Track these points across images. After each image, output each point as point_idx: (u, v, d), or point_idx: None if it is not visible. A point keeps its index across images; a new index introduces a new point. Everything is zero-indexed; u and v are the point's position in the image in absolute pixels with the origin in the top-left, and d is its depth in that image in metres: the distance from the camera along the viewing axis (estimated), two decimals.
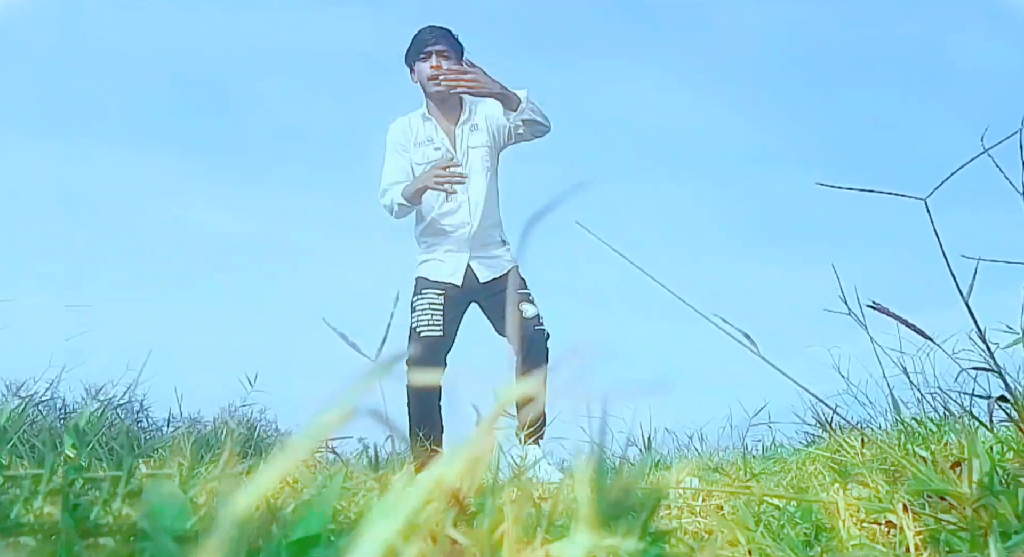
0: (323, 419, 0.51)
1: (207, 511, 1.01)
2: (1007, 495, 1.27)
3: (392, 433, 0.73)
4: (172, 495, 1.02)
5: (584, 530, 0.72)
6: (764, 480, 2.76)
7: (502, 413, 0.69)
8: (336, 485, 1.03)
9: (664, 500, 1.89)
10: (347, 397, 0.52)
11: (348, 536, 0.95)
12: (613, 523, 0.82)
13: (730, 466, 3.30)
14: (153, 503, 0.99)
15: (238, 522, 0.47)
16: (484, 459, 0.67)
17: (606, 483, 0.82)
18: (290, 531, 0.93)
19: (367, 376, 0.54)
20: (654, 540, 0.91)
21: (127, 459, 1.25)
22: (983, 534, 1.20)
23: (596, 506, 0.78)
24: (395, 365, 0.57)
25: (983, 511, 1.25)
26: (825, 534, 1.60)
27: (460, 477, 0.72)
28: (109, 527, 0.97)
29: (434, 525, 0.77)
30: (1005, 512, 1.25)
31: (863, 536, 1.52)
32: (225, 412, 5.78)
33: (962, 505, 1.29)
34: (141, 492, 1.19)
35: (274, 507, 1.03)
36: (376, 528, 0.50)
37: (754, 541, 1.55)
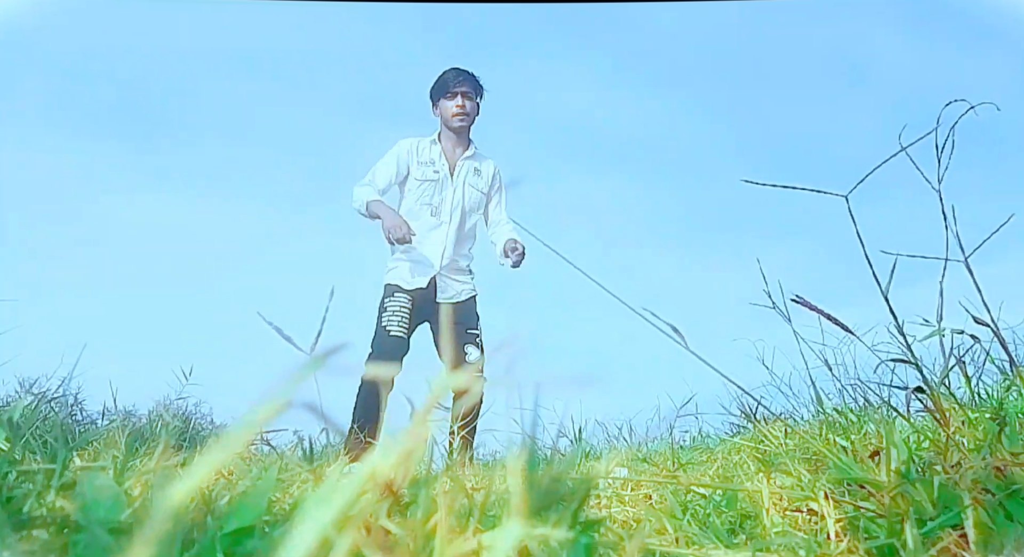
0: (258, 412, 0.51)
1: (141, 503, 1.00)
2: (923, 483, 1.29)
3: (327, 426, 0.73)
4: (106, 488, 1.00)
5: (515, 520, 0.72)
6: (691, 470, 2.78)
7: (435, 405, 0.69)
8: (271, 477, 1.03)
9: (594, 490, 1.90)
10: (282, 390, 0.52)
11: (282, 527, 0.94)
12: (544, 513, 0.82)
13: (658, 456, 3.33)
14: (87, 496, 0.98)
15: (172, 514, 0.46)
16: (417, 450, 0.67)
17: (537, 474, 0.82)
18: (225, 523, 0.92)
19: (302, 369, 0.54)
20: (584, 529, 0.91)
21: (61, 452, 1.23)
22: (900, 521, 1.23)
23: (527, 496, 0.78)
24: (329, 358, 0.57)
25: (900, 499, 1.27)
26: (749, 522, 1.62)
27: (394, 468, 0.72)
28: (43, 520, 0.96)
29: (368, 516, 0.77)
30: (921, 499, 1.27)
31: (786, 523, 1.55)
32: (160, 405, 5.70)
33: (880, 493, 1.31)
34: (75, 485, 1.17)
35: (209, 499, 1.02)
36: (310, 519, 0.50)
37: (681, 529, 1.57)
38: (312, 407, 0.66)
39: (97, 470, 1.36)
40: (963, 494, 1.23)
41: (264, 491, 0.96)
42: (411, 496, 0.81)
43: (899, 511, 1.25)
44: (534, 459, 0.86)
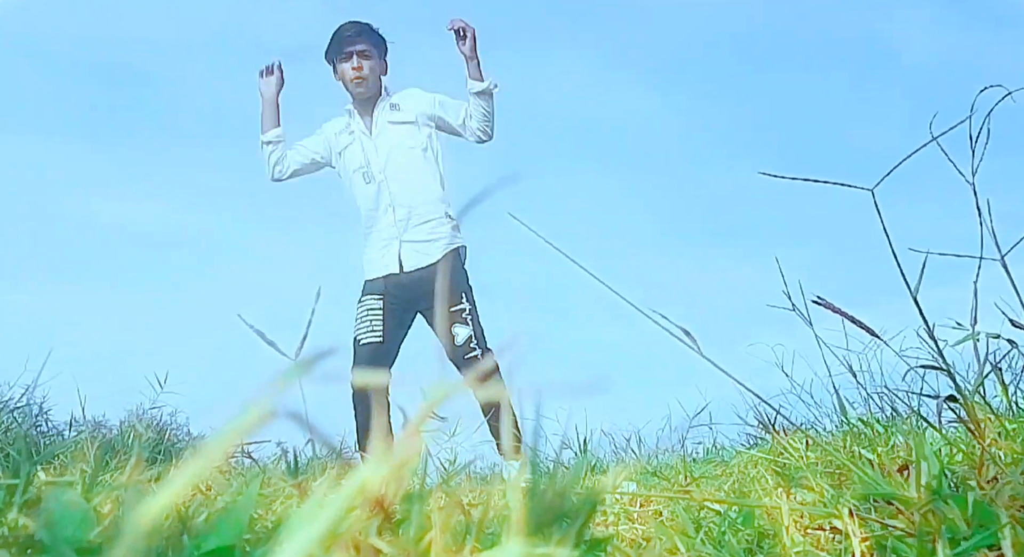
0: (239, 422, 0.51)
1: (112, 521, 1.00)
2: (956, 500, 1.29)
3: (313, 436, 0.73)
4: (74, 504, 1.00)
5: (516, 538, 0.72)
6: (705, 484, 2.79)
7: (429, 415, 0.69)
8: (252, 492, 1.02)
9: (600, 506, 1.89)
10: (264, 398, 0.52)
11: (265, 547, 0.94)
12: (546, 530, 0.82)
13: (669, 470, 3.33)
14: (53, 513, 0.98)
15: (145, 532, 0.46)
16: (410, 464, 0.67)
17: (539, 488, 0.82)
18: (203, 541, 0.92)
19: (286, 376, 0.54)
20: (590, 548, 0.91)
21: (24, 466, 1.23)
22: (931, 540, 1.23)
23: (529, 513, 0.78)
24: (315, 364, 0.57)
25: (931, 516, 1.27)
26: (768, 541, 1.62)
27: (385, 483, 0.72)
28: (4, 539, 0.95)
29: (357, 534, 0.77)
30: (954, 517, 1.27)
31: (807, 543, 1.55)
32: (132, 415, 5.71)
33: (910, 510, 1.31)
34: (40, 501, 1.17)
35: (185, 516, 1.02)
36: (295, 538, 0.50)
37: (694, 548, 1.57)
38: (297, 417, 0.66)
39: (64, 485, 1.35)
40: (1000, 511, 1.23)
41: (245, 507, 0.96)
42: (403, 512, 0.80)
43: (930, 530, 1.24)
44: (536, 472, 0.86)
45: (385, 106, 5.13)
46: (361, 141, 5.07)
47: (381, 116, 5.11)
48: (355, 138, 5.10)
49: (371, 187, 5.02)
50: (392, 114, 5.10)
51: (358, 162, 5.05)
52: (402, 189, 4.99)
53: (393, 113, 5.11)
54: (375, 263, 5.02)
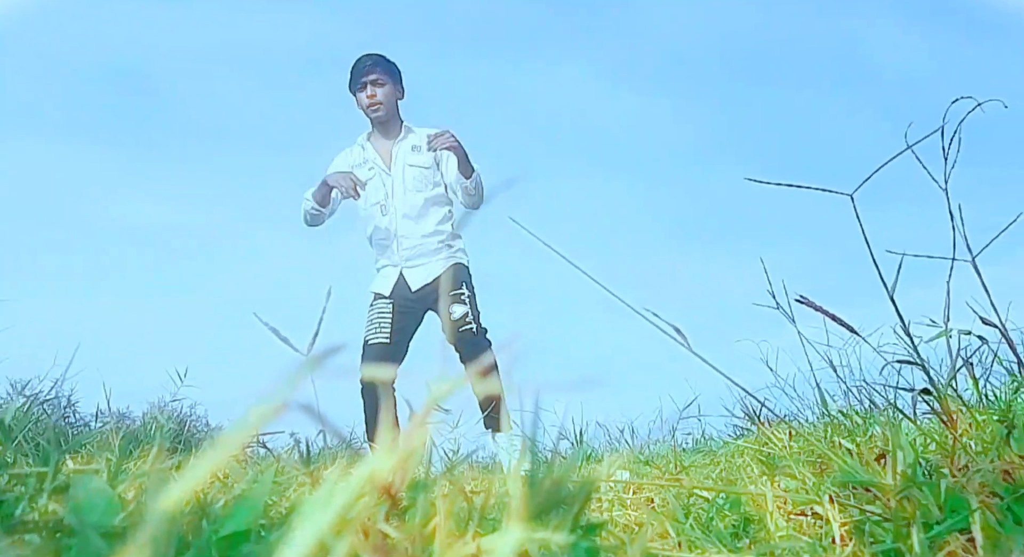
0: (254, 414, 0.51)
1: (135, 507, 1.00)
2: (930, 486, 1.29)
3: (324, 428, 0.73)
4: (99, 491, 1.00)
5: (516, 524, 0.72)
6: (694, 473, 2.79)
7: (434, 407, 0.69)
8: (267, 480, 1.02)
9: (595, 493, 1.89)
10: (278, 392, 0.52)
11: (279, 531, 0.94)
12: (545, 516, 0.82)
13: (660, 459, 3.34)
14: (80, 499, 0.98)
15: (167, 518, 0.46)
16: (416, 453, 0.67)
17: (538, 477, 0.82)
18: (220, 526, 0.92)
19: (299, 371, 0.54)
20: (585, 533, 0.91)
21: (54, 455, 1.23)
22: (906, 525, 1.23)
23: (528, 500, 0.78)
24: (327, 360, 0.57)
25: (906, 502, 1.27)
26: (753, 525, 1.62)
27: (392, 471, 0.72)
28: (35, 524, 0.95)
29: (366, 520, 0.77)
30: (928, 503, 1.27)
31: (790, 527, 1.55)
32: (155, 407, 5.71)
33: (886, 496, 1.31)
34: (68, 488, 1.17)
35: (204, 503, 1.02)
36: (307, 523, 0.50)
37: (684, 533, 1.57)
38: (309, 409, 0.66)
39: (90, 473, 1.35)
40: (970, 497, 1.23)
41: (260, 494, 0.96)
42: (409, 499, 0.81)
43: (905, 515, 1.24)
44: (534, 462, 0.86)
45: (407, 145, 5.22)
46: (381, 177, 5.16)
47: (400, 155, 5.20)
48: (375, 173, 5.18)
49: (386, 219, 5.13)
50: (413, 156, 5.20)
51: (379, 196, 5.15)
52: (411, 226, 5.12)
53: (414, 155, 5.20)
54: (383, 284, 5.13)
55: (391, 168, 5.17)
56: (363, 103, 5.19)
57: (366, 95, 5.16)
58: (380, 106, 5.16)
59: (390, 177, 5.15)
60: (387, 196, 5.12)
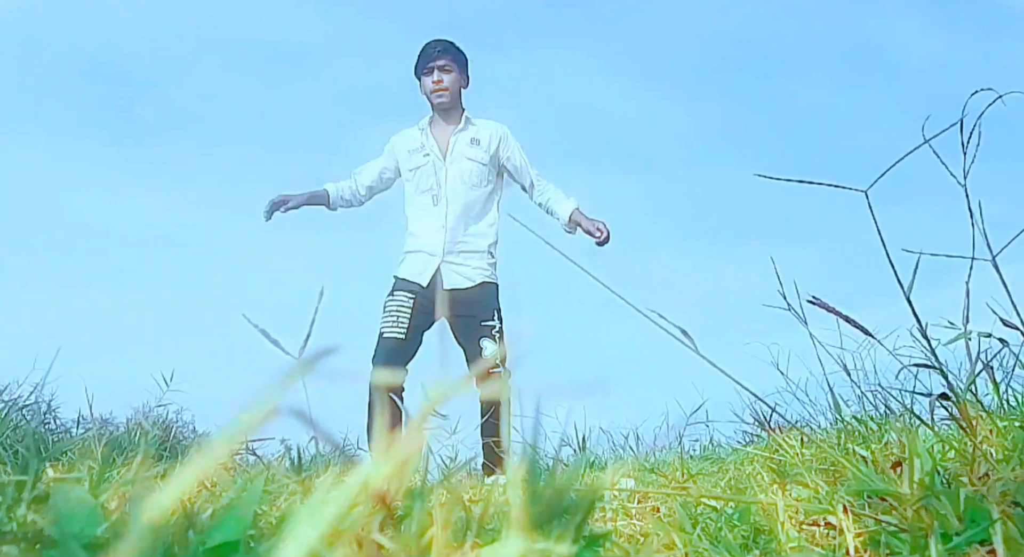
0: (243, 419, 0.51)
1: (119, 517, 1.00)
2: (948, 496, 1.29)
3: (316, 434, 0.73)
4: (81, 500, 1.00)
5: (516, 534, 0.72)
6: (701, 481, 2.78)
7: (431, 413, 0.69)
8: (257, 488, 1.02)
9: (598, 502, 1.89)
10: (268, 396, 0.52)
11: (269, 542, 0.94)
12: (546, 526, 0.82)
13: (667, 466, 3.33)
14: (61, 509, 0.98)
15: (152, 528, 0.46)
16: (412, 461, 0.67)
17: (539, 485, 0.82)
18: (207, 537, 0.92)
19: (289, 375, 0.54)
20: (588, 543, 0.91)
21: (33, 462, 1.23)
22: (924, 536, 1.23)
23: (528, 509, 0.78)
24: (318, 363, 0.57)
25: (924, 512, 1.27)
26: (764, 536, 1.62)
27: (387, 479, 0.72)
28: (14, 534, 0.95)
29: (360, 529, 0.77)
30: (946, 513, 1.27)
31: (802, 538, 1.54)
32: (139, 412, 5.71)
33: (903, 506, 1.31)
34: (48, 498, 1.17)
35: (191, 512, 1.02)
36: (299, 533, 0.50)
37: (691, 544, 1.56)
38: (300, 414, 0.66)
39: (72, 482, 1.35)
40: (991, 507, 1.23)
41: (250, 504, 0.96)
42: (405, 509, 0.80)
43: (923, 525, 1.24)
44: (535, 469, 0.86)
45: (466, 137, 5.31)
46: (435, 164, 5.25)
47: (459, 145, 5.29)
48: (429, 160, 5.26)
49: (437, 208, 5.19)
50: (471, 149, 5.28)
51: (430, 183, 5.23)
52: (461, 218, 5.18)
53: (472, 149, 5.29)
54: (414, 269, 5.16)
55: (447, 157, 5.24)
56: (427, 88, 5.29)
57: (432, 80, 5.26)
58: (445, 92, 5.26)
59: (444, 166, 5.22)
60: (439, 184, 5.19)
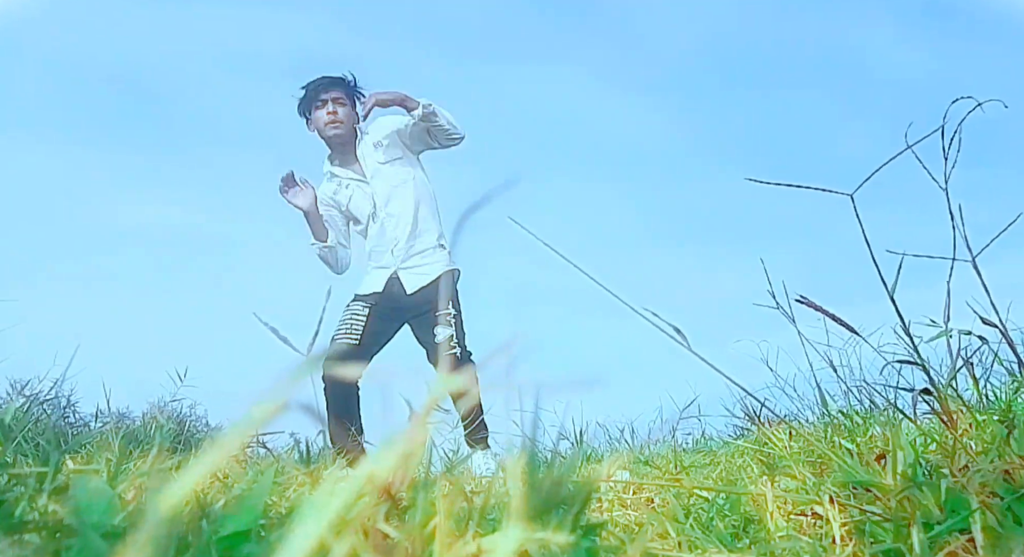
0: (254, 413, 0.51)
1: (135, 507, 1.00)
2: (930, 487, 1.29)
3: (324, 428, 0.73)
4: (99, 491, 1.00)
5: (516, 524, 0.72)
6: (694, 473, 2.79)
7: (434, 407, 0.69)
8: (267, 480, 1.02)
9: (595, 493, 1.89)
10: (278, 392, 0.52)
11: (279, 531, 0.94)
12: (545, 517, 0.82)
13: (660, 459, 3.34)
14: (80, 499, 0.98)
15: (167, 518, 0.46)
16: (416, 454, 0.67)
17: (538, 477, 0.82)
18: (220, 527, 0.92)
19: (298, 370, 0.54)
20: (585, 533, 0.91)
21: (53, 455, 1.23)
22: (907, 525, 1.23)
23: (528, 500, 0.78)
24: (326, 359, 0.57)
25: (907, 502, 1.27)
26: (753, 526, 1.62)
27: (392, 472, 0.72)
28: (35, 524, 0.95)
29: (366, 520, 0.77)
30: (928, 503, 1.27)
31: (790, 527, 1.54)
32: (154, 407, 5.71)
33: (886, 496, 1.31)
34: (68, 488, 1.17)
35: (204, 503, 1.02)
36: (307, 523, 0.50)
37: (684, 533, 1.56)
38: (309, 409, 0.66)
39: (90, 473, 1.36)
40: (971, 498, 1.23)
41: (260, 494, 0.96)
42: (409, 500, 0.81)
43: (905, 515, 1.24)
44: (534, 462, 0.86)
45: (368, 147, 5.10)
46: (361, 188, 5.08)
47: (368, 158, 5.09)
48: (352, 189, 5.10)
49: (375, 226, 5.06)
50: (377, 153, 5.08)
51: (367, 208, 5.06)
52: (401, 226, 5.02)
53: (377, 152, 5.08)
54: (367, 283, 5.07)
55: (367, 173, 5.08)
56: (320, 121, 5.06)
57: (325, 111, 5.04)
58: (340, 124, 5.04)
59: (369, 185, 5.06)
60: (374, 205, 5.04)
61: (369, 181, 5.06)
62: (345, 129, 5.05)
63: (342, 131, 5.05)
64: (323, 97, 5.04)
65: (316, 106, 5.06)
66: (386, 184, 5.05)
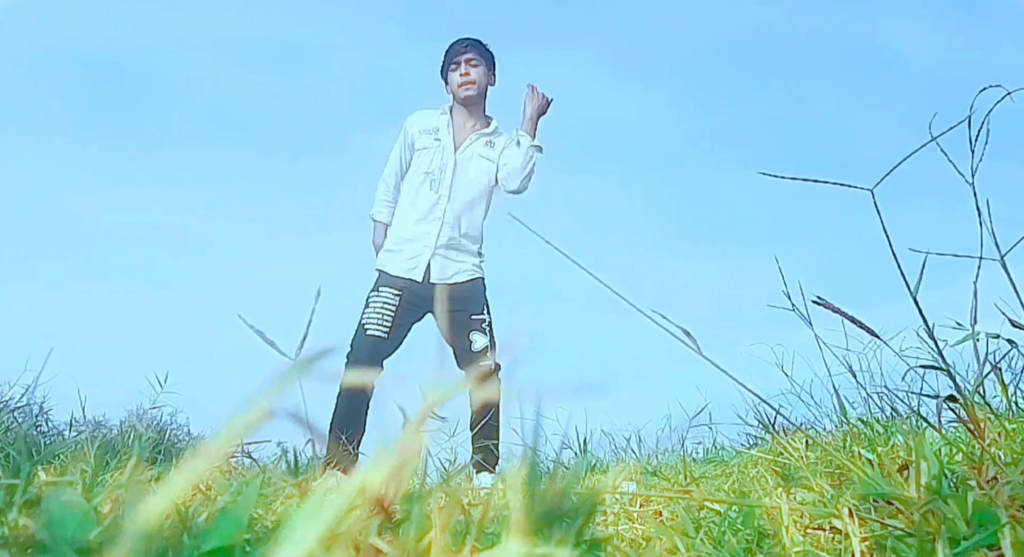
0: (239, 421, 0.51)
1: (112, 521, 1.00)
2: (956, 499, 1.29)
3: (313, 436, 0.73)
4: (74, 504, 1.00)
5: (516, 538, 0.72)
6: (705, 484, 2.78)
7: (429, 415, 0.69)
8: (252, 492, 1.02)
9: (600, 506, 1.89)
10: (264, 398, 0.52)
11: (265, 546, 0.94)
12: (547, 530, 0.82)
13: (669, 470, 3.33)
14: (53, 512, 0.98)
15: (146, 532, 0.46)
16: (410, 464, 0.67)
17: (539, 488, 0.82)
18: (202, 541, 0.92)
19: (285, 376, 0.54)
20: (589, 548, 0.91)
21: (25, 466, 1.23)
22: (931, 540, 1.22)
23: (529, 512, 0.78)
24: (315, 364, 0.57)
25: (931, 516, 1.27)
26: (768, 540, 1.62)
27: (385, 482, 0.72)
28: (4, 539, 0.95)
29: (357, 534, 0.77)
30: (953, 517, 1.27)
31: (807, 542, 1.54)
32: (133, 415, 5.71)
33: (909, 510, 1.31)
34: (40, 501, 1.17)
35: (185, 516, 1.02)
36: (295, 537, 0.50)
37: (694, 548, 1.56)
38: (297, 416, 0.66)
39: (64, 485, 1.36)
40: (999, 511, 1.23)
41: (245, 507, 0.96)
42: (403, 512, 0.80)
43: (930, 529, 1.24)
44: (536, 472, 0.86)
45: (484, 141, 5.32)
46: (444, 150, 5.24)
47: (477, 144, 5.30)
48: (441, 146, 5.25)
49: (431, 195, 5.17)
50: (486, 150, 5.30)
51: (433, 167, 5.20)
52: (459, 213, 5.16)
53: (487, 149, 5.30)
54: (401, 262, 5.11)
55: (458, 149, 5.23)
56: (454, 82, 5.30)
57: (459, 73, 5.28)
58: (472, 85, 5.26)
59: (453, 158, 5.20)
60: (440, 172, 5.17)
61: (455, 154, 5.23)
62: (476, 90, 5.31)
63: (473, 93, 5.30)
64: (457, 59, 5.31)
65: (451, 68, 5.33)
66: (468, 171, 5.23)
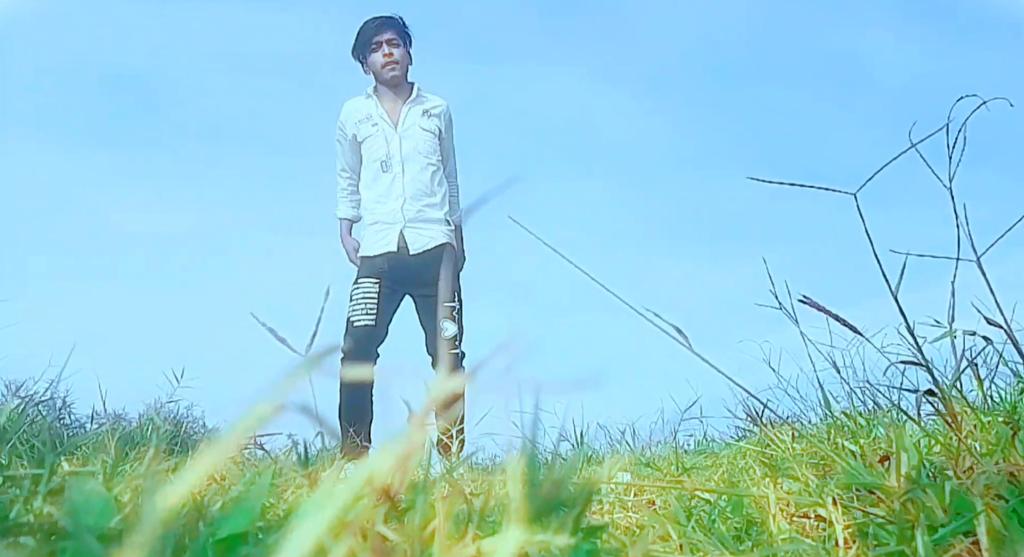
0: (251, 415, 0.51)
1: (131, 509, 1.00)
2: (934, 489, 1.29)
3: (322, 429, 0.73)
4: (95, 493, 1.00)
5: (516, 526, 0.72)
6: (696, 475, 2.78)
7: (433, 408, 0.69)
8: (264, 482, 1.02)
9: (596, 495, 1.89)
10: (276, 392, 0.52)
11: (277, 534, 0.94)
12: (545, 519, 0.82)
13: (662, 461, 3.33)
14: (75, 501, 0.98)
15: (163, 520, 0.46)
16: (415, 455, 0.67)
17: (538, 479, 0.82)
18: (217, 529, 0.92)
19: (296, 371, 0.54)
20: (586, 535, 0.91)
21: (49, 456, 1.23)
22: (910, 527, 1.22)
23: (528, 502, 0.78)
24: (325, 359, 0.57)
25: (911, 504, 1.27)
26: (756, 528, 1.62)
27: (391, 473, 0.72)
28: (30, 526, 0.95)
29: (364, 522, 0.77)
30: (932, 505, 1.27)
31: (793, 530, 1.54)
32: (151, 408, 5.71)
33: (890, 499, 1.31)
34: (63, 490, 1.17)
35: (201, 505, 1.02)
36: (305, 525, 0.50)
37: (685, 536, 1.56)
38: (307, 410, 0.66)
39: (86, 475, 1.35)
40: (975, 500, 1.23)
41: (257, 496, 0.96)
42: (409, 501, 0.80)
43: (909, 517, 1.24)
44: (534, 464, 0.86)
45: (417, 109, 5.21)
46: (385, 133, 5.13)
47: (411, 115, 5.18)
48: (379, 129, 5.15)
49: (386, 177, 5.11)
50: (424, 120, 5.18)
51: (381, 153, 5.12)
52: (414, 186, 5.08)
53: (424, 119, 5.19)
54: (375, 243, 5.09)
55: (398, 127, 5.14)
56: (377, 63, 5.17)
57: (381, 53, 5.15)
58: (396, 65, 5.15)
59: (396, 135, 5.12)
60: (389, 154, 5.10)
61: (397, 132, 5.14)
62: (401, 70, 5.20)
63: (399, 73, 5.19)
64: (377, 39, 5.18)
65: (371, 49, 5.20)
66: (412, 143, 5.14)
